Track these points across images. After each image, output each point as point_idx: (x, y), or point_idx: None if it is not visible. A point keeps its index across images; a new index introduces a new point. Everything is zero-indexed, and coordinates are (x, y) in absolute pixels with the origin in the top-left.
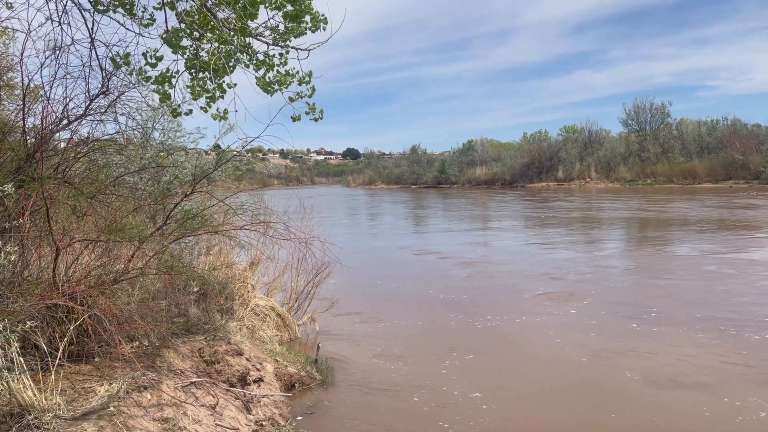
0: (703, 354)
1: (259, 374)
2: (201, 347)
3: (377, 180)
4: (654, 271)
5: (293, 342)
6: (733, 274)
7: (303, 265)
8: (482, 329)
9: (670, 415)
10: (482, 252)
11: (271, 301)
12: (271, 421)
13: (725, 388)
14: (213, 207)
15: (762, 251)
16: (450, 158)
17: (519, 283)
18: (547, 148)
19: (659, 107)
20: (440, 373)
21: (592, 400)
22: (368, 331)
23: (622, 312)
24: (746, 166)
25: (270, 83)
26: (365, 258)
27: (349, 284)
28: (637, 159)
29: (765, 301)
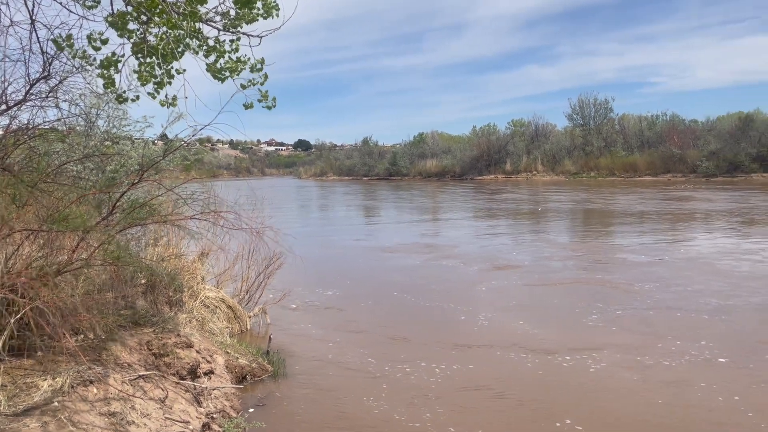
0: (632, 335)
1: (209, 366)
2: (149, 340)
3: (329, 171)
4: (595, 261)
5: (244, 334)
6: (667, 262)
7: (254, 256)
8: (435, 318)
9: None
10: (433, 242)
11: (221, 293)
12: (222, 413)
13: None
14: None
15: (697, 240)
16: (401, 151)
17: (470, 272)
18: (496, 142)
19: (603, 102)
20: (394, 362)
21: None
22: (321, 321)
23: (571, 299)
24: (684, 160)
25: (221, 70)
26: (318, 249)
27: (301, 275)
28: (581, 152)
29: (691, 288)
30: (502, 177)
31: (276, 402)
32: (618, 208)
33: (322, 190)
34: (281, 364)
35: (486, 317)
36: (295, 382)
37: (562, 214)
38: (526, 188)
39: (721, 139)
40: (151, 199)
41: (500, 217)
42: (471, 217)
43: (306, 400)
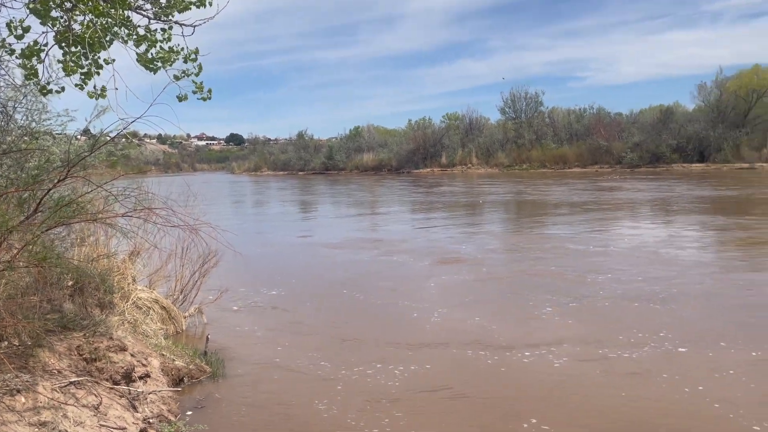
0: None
1: (145, 370)
2: (80, 344)
3: (263, 166)
4: (543, 252)
5: (180, 335)
6: (613, 252)
7: (188, 254)
8: (387, 316)
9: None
10: (379, 237)
11: (154, 293)
12: (160, 417)
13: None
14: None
15: (639, 230)
16: (337, 144)
17: (420, 267)
18: (431, 135)
19: (533, 96)
20: (347, 364)
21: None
22: (266, 322)
23: (512, 287)
24: (610, 151)
25: (152, 60)
26: (259, 247)
27: (243, 275)
28: (513, 145)
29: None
30: (438, 170)
31: (216, 404)
32: (555, 199)
33: (257, 185)
34: (220, 364)
35: (440, 314)
36: (237, 383)
37: (502, 206)
38: (462, 181)
39: (644, 131)
40: (79, 196)
41: (442, 210)
42: (413, 211)
43: (249, 403)
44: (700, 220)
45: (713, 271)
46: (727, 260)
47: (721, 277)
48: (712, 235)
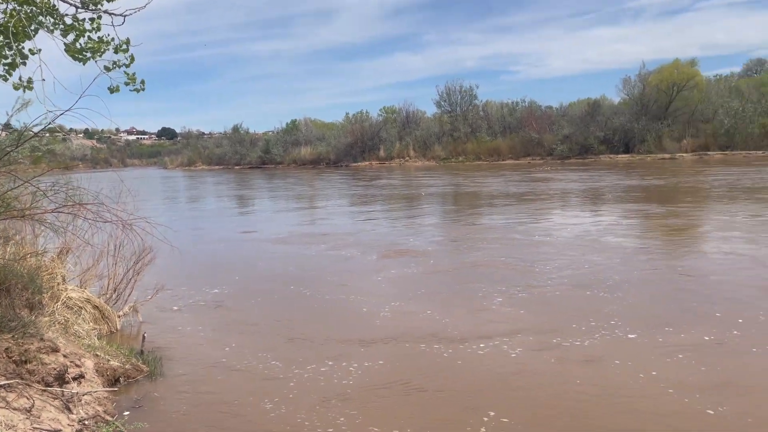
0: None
1: (79, 371)
2: (8, 347)
3: (197, 161)
4: (488, 243)
5: (114, 335)
6: (557, 241)
7: (122, 251)
8: (337, 312)
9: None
10: (325, 231)
11: (85, 293)
12: (96, 418)
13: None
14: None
15: (580, 219)
16: (274, 138)
17: (367, 261)
18: (369, 128)
19: (468, 90)
20: (297, 363)
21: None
22: (209, 322)
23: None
24: (541, 143)
25: (81, 50)
26: (198, 244)
27: (183, 272)
28: (449, 138)
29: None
30: (377, 163)
31: (154, 403)
32: (494, 191)
33: (191, 180)
34: (158, 363)
35: (391, 308)
36: (179, 383)
37: (444, 198)
38: (400, 174)
39: (573, 123)
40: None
41: (385, 203)
42: (356, 204)
43: (191, 402)
44: (635, 209)
45: (652, 258)
46: (665, 247)
47: (661, 263)
48: (648, 223)
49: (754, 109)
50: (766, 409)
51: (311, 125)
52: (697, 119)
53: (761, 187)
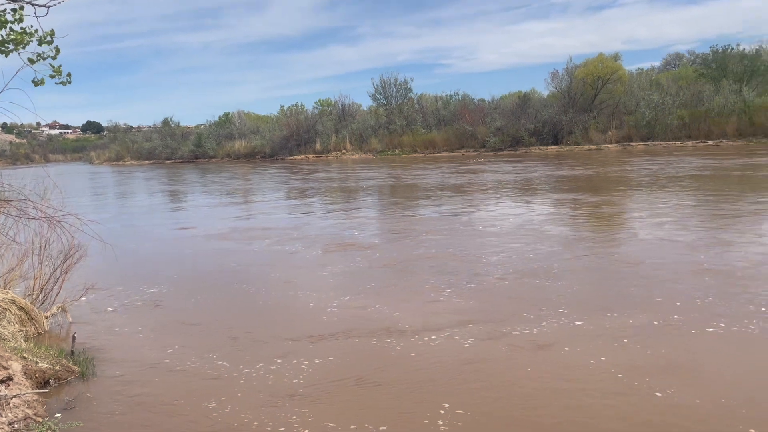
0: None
1: (6, 373)
2: None
3: (126, 156)
4: (432, 234)
5: (42, 336)
6: (500, 231)
7: (48, 249)
8: (283, 309)
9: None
10: (266, 225)
11: (10, 294)
12: (27, 421)
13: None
14: None
15: (519, 209)
16: (206, 131)
17: (313, 256)
18: (305, 121)
19: (403, 83)
20: (245, 363)
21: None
22: (143, 320)
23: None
24: (475, 136)
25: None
26: (133, 241)
27: (118, 272)
28: (385, 131)
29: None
30: (313, 156)
31: (86, 403)
32: (433, 182)
33: (120, 175)
34: (90, 364)
35: (339, 303)
36: (114, 383)
37: (384, 191)
38: (338, 167)
39: (504, 116)
40: None
41: (326, 197)
42: (296, 198)
43: (127, 402)
44: (571, 198)
45: (593, 246)
46: (603, 235)
47: (601, 251)
48: (586, 211)
49: (672, 101)
50: (711, 389)
51: (245, 118)
52: (621, 111)
53: (684, 176)
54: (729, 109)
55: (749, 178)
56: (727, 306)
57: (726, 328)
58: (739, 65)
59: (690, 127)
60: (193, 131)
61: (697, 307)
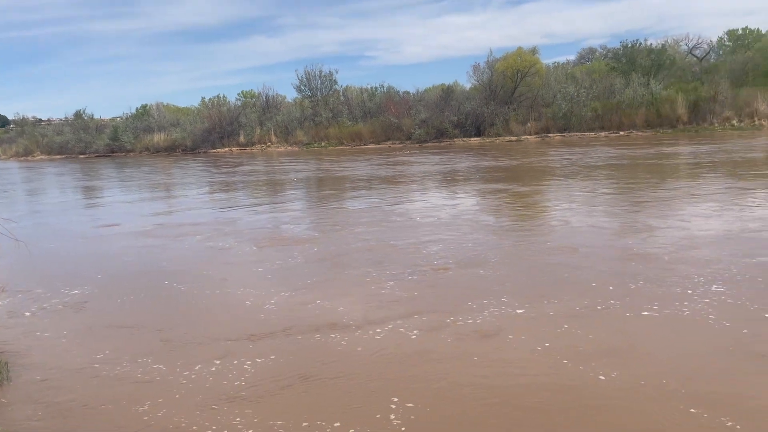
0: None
1: None
2: None
3: (35, 150)
4: (370, 226)
5: None
6: (424, 222)
7: None
8: (219, 308)
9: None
10: (196, 221)
11: None
12: None
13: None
14: None
15: (438, 199)
16: (123, 124)
17: (247, 251)
18: (227, 113)
19: (327, 74)
20: (167, 361)
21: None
22: (66, 324)
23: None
24: (401, 128)
25: None
26: (50, 241)
27: (29, 272)
28: (311, 123)
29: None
30: (237, 149)
31: (1, 409)
32: (364, 174)
33: (30, 171)
34: (3, 368)
35: (277, 300)
36: (33, 389)
37: (315, 183)
38: (264, 160)
39: (429, 108)
40: None
41: (255, 190)
42: (224, 192)
43: (49, 408)
44: (501, 188)
45: (527, 234)
46: (536, 223)
47: (535, 239)
48: (517, 201)
49: (587, 94)
50: (651, 371)
51: (164, 110)
52: (539, 104)
53: (604, 165)
54: (638, 101)
55: (663, 166)
56: (658, 289)
57: (659, 310)
58: (647, 59)
59: (603, 119)
60: (108, 124)
61: (630, 291)
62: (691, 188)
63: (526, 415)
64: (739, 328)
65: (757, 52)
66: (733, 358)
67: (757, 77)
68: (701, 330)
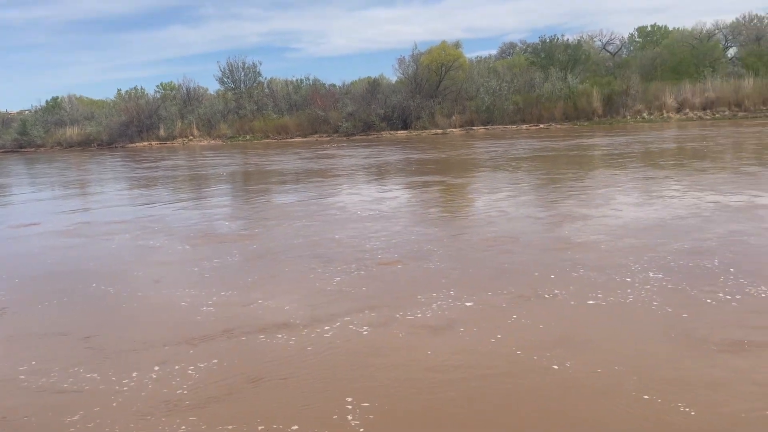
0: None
1: None
2: None
3: None
4: (308, 220)
5: None
6: (364, 216)
7: None
8: (153, 311)
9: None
10: (122, 218)
11: None
12: None
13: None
14: None
15: (374, 192)
16: (32, 118)
17: (180, 250)
18: (146, 106)
19: (251, 66)
20: (100, 370)
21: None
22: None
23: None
24: (328, 121)
25: None
26: None
27: None
28: (235, 116)
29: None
30: (157, 143)
31: None
32: (294, 168)
33: None
34: None
35: (216, 301)
36: None
37: (244, 178)
38: (187, 154)
39: (356, 101)
40: None
41: (182, 186)
42: (148, 188)
43: None
44: (437, 180)
45: (467, 225)
46: (474, 215)
47: (476, 230)
48: (453, 193)
49: (508, 87)
50: (603, 359)
51: (77, 103)
52: (463, 97)
53: (531, 157)
54: (556, 95)
55: (588, 157)
56: (599, 278)
57: (604, 298)
58: (564, 54)
59: (524, 112)
60: (16, 118)
61: (572, 279)
62: (619, 178)
63: (484, 407)
64: (679, 313)
65: (664, 48)
66: (678, 344)
67: (665, 72)
68: (646, 316)
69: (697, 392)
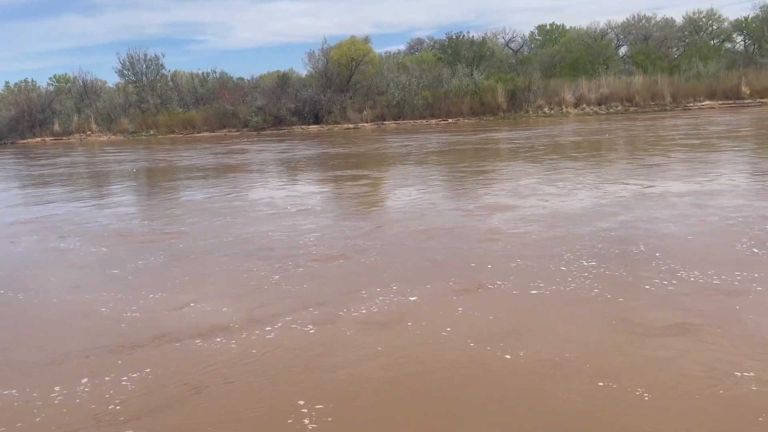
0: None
1: None
2: None
3: None
4: (238, 217)
5: None
6: (293, 211)
7: None
8: (90, 319)
9: None
10: (17, 218)
11: None
12: None
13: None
14: None
15: (301, 186)
16: None
17: (84, 251)
18: (38, 100)
19: (153, 58)
20: (18, 386)
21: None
22: None
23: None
24: (236, 115)
25: None
26: None
27: None
28: (137, 110)
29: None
30: (51, 139)
31: None
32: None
33: None
34: None
35: (143, 305)
36: None
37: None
38: (86, 150)
39: (265, 95)
40: None
41: (88, 184)
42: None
43: None
44: (357, 174)
45: (397, 219)
46: (401, 207)
47: (407, 223)
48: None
49: (417, 83)
50: (554, 347)
51: None
52: (374, 92)
53: (446, 150)
54: (463, 91)
55: (502, 151)
56: (536, 267)
57: (546, 288)
58: (470, 51)
59: (433, 107)
60: None
61: (510, 269)
62: (538, 169)
63: (441, 401)
64: (619, 299)
65: (562, 46)
66: (623, 329)
67: (564, 69)
68: (588, 303)
69: (648, 375)
